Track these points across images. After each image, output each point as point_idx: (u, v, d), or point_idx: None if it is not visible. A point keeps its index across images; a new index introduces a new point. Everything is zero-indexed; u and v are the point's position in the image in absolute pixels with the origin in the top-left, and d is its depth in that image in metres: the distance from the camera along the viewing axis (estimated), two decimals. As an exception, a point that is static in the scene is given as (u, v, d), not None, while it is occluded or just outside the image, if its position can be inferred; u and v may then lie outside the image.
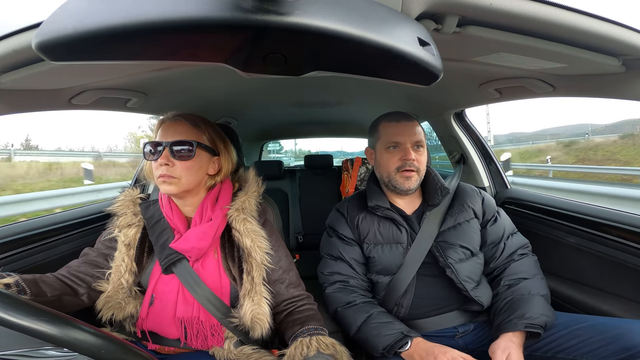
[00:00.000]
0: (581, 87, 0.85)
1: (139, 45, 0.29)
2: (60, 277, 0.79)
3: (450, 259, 0.93)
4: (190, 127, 0.80)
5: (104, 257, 0.84)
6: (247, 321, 0.76)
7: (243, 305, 0.76)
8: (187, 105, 1.34)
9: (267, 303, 0.78)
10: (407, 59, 0.31)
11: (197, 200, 0.83)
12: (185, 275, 0.78)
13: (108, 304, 0.78)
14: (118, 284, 0.78)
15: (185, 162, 0.77)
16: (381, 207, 0.99)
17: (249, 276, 0.78)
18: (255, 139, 2.88)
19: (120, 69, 0.81)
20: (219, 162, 0.85)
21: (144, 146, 0.79)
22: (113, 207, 0.86)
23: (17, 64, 0.64)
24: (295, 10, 0.26)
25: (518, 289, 0.89)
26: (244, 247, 0.80)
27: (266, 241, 0.82)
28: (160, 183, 0.77)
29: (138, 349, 0.50)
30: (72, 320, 0.45)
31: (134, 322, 0.81)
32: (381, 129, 1.01)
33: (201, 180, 0.82)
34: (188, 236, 0.78)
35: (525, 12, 0.50)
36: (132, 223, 0.83)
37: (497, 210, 1.05)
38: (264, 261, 0.80)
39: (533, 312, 0.82)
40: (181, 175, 0.77)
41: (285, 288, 0.85)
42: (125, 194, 0.88)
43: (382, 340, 0.83)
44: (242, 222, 0.81)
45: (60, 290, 0.75)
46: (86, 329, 0.45)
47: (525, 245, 1.01)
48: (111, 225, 0.85)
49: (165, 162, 0.76)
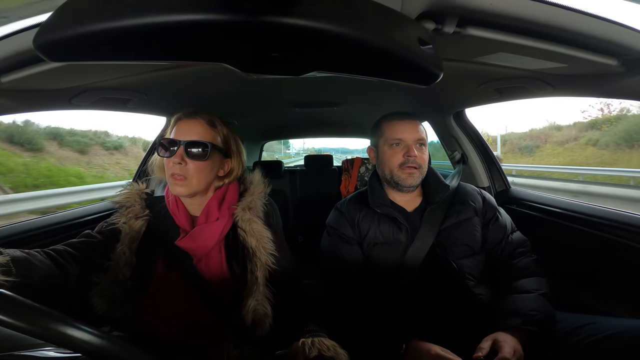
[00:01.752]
0: (581, 87, 0.85)
1: (139, 45, 0.29)
2: (54, 254, 0.72)
3: (452, 256, 0.93)
4: (206, 127, 0.79)
5: (103, 245, 0.79)
6: (249, 320, 0.75)
7: (246, 305, 0.76)
8: (187, 105, 1.33)
9: (270, 303, 0.78)
10: (407, 59, 0.31)
11: (204, 199, 0.83)
12: (188, 273, 0.78)
13: (103, 298, 0.75)
14: (114, 277, 0.76)
15: (199, 163, 0.76)
16: (382, 205, 0.99)
17: (253, 276, 0.78)
18: (255, 139, 2.88)
19: (120, 69, 0.81)
20: (230, 164, 0.85)
21: (158, 142, 0.79)
22: (120, 198, 0.84)
23: (17, 64, 0.64)
24: (295, 11, 0.26)
25: (518, 287, 0.90)
26: (249, 246, 0.80)
27: (271, 242, 0.82)
28: (172, 183, 0.77)
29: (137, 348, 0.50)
30: (71, 320, 0.45)
31: (133, 320, 0.80)
32: (384, 127, 1.03)
33: (212, 181, 0.81)
34: (194, 234, 0.78)
35: (525, 12, 0.50)
36: (140, 215, 0.82)
37: (497, 209, 1.06)
38: (268, 262, 0.79)
39: (532, 309, 0.82)
40: (193, 175, 0.76)
41: (287, 289, 0.85)
42: (131, 187, 0.87)
43: (380, 337, 0.83)
44: (248, 222, 0.81)
45: (48, 272, 0.68)
46: (85, 328, 0.45)
47: (524, 244, 1.02)
48: (117, 215, 0.82)
49: (179, 161, 0.75)
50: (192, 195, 0.80)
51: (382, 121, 1.05)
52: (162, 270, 0.79)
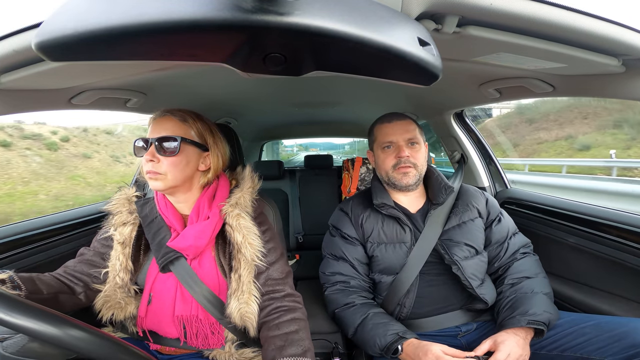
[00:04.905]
0: (581, 87, 0.85)
1: (139, 45, 0.29)
2: (57, 276, 0.78)
3: (456, 256, 0.93)
4: (177, 123, 0.78)
5: (100, 256, 0.83)
6: (237, 320, 0.75)
7: (230, 305, 0.75)
8: (187, 105, 1.33)
9: (256, 302, 0.76)
10: (407, 59, 0.31)
11: (190, 197, 0.82)
12: (182, 273, 0.77)
13: (107, 303, 0.77)
14: (114, 282, 0.77)
15: (171, 158, 0.76)
16: (386, 205, 0.99)
17: (235, 274, 0.77)
18: (255, 139, 2.88)
19: (120, 69, 0.81)
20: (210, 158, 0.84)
21: (134, 143, 0.79)
22: (108, 206, 0.85)
23: (17, 64, 0.64)
24: (295, 10, 0.26)
25: (521, 287, 0.90)
26: (234, 242, 0.78)
27: (259, 239, 0.80)
28: (148, 179, 0.77)
29: (136, 348, 0.50)
30: (70, 320, 0.45)
31: (134, 322, 0.80)
32: (376, 131, 1.05)
33: (190, 176, 0.80)
34: (185, 234, 0.77)
35: (526, 12, 0.50)
36: (127, 221, 0.82)
37: (500, 211, 1.07)
38: (254, 258, 0.78)
39: (536, 309, 0.82)
40: (167, 171, 0.76)
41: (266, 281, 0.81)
42: (121, 193, 0.88)
43: (378, 341, 0.83)
44: (236, 218, 0.80)
45: (57, 289, 0.75)
46: (84, 328, 0.45)
47: (527, 244, 1.02)
48: (107, 224, 0.84)
49: (151, 158, 0.75)
50: (173, 190, 0.79)
51: (374, 125, 1.06)
52: (157, 271, 0.79)
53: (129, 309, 0.78)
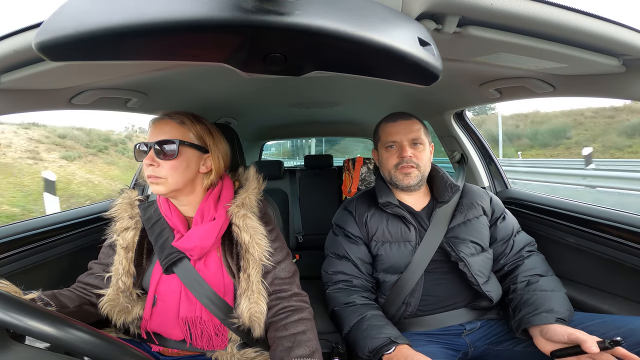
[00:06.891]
0: (581, 87, 0.85)
1: (139, 45, 0.29)
2: (74, 290, 0.81)
3: (462, 252, 0.93)
4: (175, 125, 0.78)
5: (108, 267, 0.83)
6: (246, 320, 0.75)
7: (240, 304, 0.75)
8: (187, 105, 1.34)
9: (265, 301, 0.77)
10: (407, 59, 0.31)
11: (193, 199, 0.82)
12: (186, 274, 0.77)
13: (115, 308, 0.77)
14: (117, 286, 0.78)
15: (170, 162, 0.76)
16: (391, 204, 0.99)
17: (245, 274, 0.77)
18: (255, 139, 2.88)
19: (120, 69, 0.81)
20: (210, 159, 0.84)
21: (134, 148, 0.79)
22: (111, 211, 0.85)
23: (17, 64, 0.64)
24: (295, 10, 0.26)
25: (539, 285, 0.90)
26: (242, 242, 0.79)
27: (265, 238, 0.80)
28: (150, 184, 0.77)
29: (136, 349, 0.50)
30: (70, 321, 0.45)
31: (138, 324, 0.80)
32: (380, 130, 1.05)
33: (191, 179, 0.80)
34: (190, 235, 0.77)
35: (526, 12, 0.50)
36: (129, 226, 0.82)
37: (504, 209, 1.07)
38: (262, 258, 0.78)
39: (560, 307, 0.82)
40: (167, 175, 0.75)
41: (273, 280, 0.82)
42: (123, 197, 0.88)
43: (369, 343, 0.82)
44: (242, 218, 0.80)
45: (79, 301, 0.78)
46: (83, 329, 0.45)
47: (531, 242, 1.03)
48: (110, 231, 0.85)
49: (150, 162, 0.75)
50: (175, 194, 0.79)
51: (379, 125, 1.07)
52: (161, 273, 0.79)
53: (135, 312, 0.79)
